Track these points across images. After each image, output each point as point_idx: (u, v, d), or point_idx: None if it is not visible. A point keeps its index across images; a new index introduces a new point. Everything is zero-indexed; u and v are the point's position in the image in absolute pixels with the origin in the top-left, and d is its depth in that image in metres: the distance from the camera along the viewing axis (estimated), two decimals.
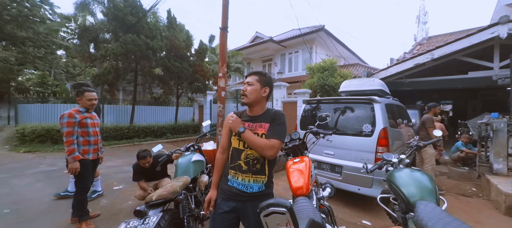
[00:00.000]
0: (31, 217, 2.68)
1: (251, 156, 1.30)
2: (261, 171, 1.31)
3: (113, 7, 6.54)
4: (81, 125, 2.36)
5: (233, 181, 1.32)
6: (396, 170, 1.90)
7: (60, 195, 3.21)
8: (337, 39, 13.75)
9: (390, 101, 3.60)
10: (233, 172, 1.32)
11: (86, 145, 2.41)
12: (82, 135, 2.38)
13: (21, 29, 19.22)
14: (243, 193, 1.29)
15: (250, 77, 1.37)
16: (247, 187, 1.29)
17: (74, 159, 2.26)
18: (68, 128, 2.26)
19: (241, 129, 1.27)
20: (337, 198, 3.33)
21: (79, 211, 2.37)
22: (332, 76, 6.95)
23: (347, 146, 3.08)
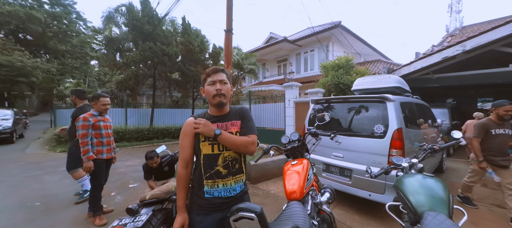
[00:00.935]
0: (56, 210, 2.96)
1: (229, 158, 1.22)
2: (240, 170, 1.27)
3: (132, 18, 7.00)
4: (94, 127, 2.56)
5: (212, 191, 1.19)
6: (406, 176, 1.71)
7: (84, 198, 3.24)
8: (355, 35, 13.11)
9: (408, 100, 3.30)
10: (211, 181, 1.19)
11: (100, 146, 2.60)
12: (96, 136, 2.58)
13: (61, 44, 21.57)
14: (227, 199, 1.21)
15: (221, 74, 1.24)
16: (230, 191, 1.22)
17: (88, 158, 2.46)
18: (83, 130, 2.47)
19: (217, 131, 1.17)
20: (346, 204, 3.13)
21: (93, 206, 2.59)
22: (348, 74, 6.61)
23: (358, 148, 2.87)
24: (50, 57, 22.33)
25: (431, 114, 4.23)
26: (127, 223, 1.35)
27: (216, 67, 1.27)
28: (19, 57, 16.17)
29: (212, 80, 1.22)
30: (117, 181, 4.15)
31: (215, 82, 1.22)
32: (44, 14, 20.21)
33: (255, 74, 11.42)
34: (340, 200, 3.25)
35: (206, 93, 1.24)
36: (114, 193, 3.57)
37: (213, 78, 1.22)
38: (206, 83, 1.24)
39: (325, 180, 3.16)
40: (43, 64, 18.18)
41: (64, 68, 21.21)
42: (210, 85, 1.22)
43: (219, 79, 1.23)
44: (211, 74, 1.23)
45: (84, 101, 3.26)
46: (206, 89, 1.23)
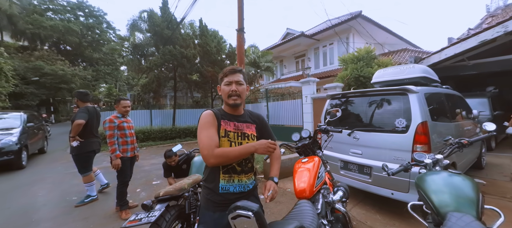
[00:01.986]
0: (90, 204, 3.27)
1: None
2: (251, 168, 1.32)
3: (153, 24, 7.42)
4: (119, 128, 2.80)
5: (228, 186, 1.22)
6: (428, 173, 1.57)
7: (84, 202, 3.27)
8: (378, 25, 12.30)
9: (435, 90, 3.02)
10: (227, 176, 1.22)
11: (125, 145, 2.83)
12: (121, 136, 2.81)
13: (95, 52, 23.66)
14: (241, 194, 1.24)
15: (238, 75, 1.27)
16: (244, 187, 1.26)
17: (116, 157, 2.70)
18: (110, 131, 2.72)
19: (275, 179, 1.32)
20: (368, 202, 2.98)
21: (120, 201, 2.82)
22: (369, 67, 6.23)
23: (378, 144, 2.71)
24: (86, 65, 24.71)
25: (465, 105, 3.81)
26: (142, 217, 1.45)
27: (234, 67, 1.30)
28: (60, 67, 18.12)
29: (229, 81, 1.25)
30: (142, 178, 4.45)
31: (231, 83, 1.25)
32: (80, 26, 22.34)
33: (272, 72, 11.34)
34: (361, 198, 3.11)
35: (222, 92, 1.28)
36: (139, 189, 3.84)
37: (229, 79, 1.25)
38: (223, 82, 1.27)
39: (343, 178, 3.04)
40: (80, 72, 20.17)
41: (98, 75, 23.29)
42: (226, 85, 1.25)
43: (236, 80, 1.26)
44: (228, 74, 1.26)
45: (86, 104, 3.23)
46: (223, 89, 1.27)
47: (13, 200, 3.54)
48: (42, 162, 6.32)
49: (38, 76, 16.81)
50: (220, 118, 1.24)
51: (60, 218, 2.86)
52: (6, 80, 10.99)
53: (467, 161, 3.45)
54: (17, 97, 17.27)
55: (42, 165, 6.02)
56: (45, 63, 17.60)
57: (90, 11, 23.99)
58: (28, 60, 17.66)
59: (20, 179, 4.69)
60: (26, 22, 19.29)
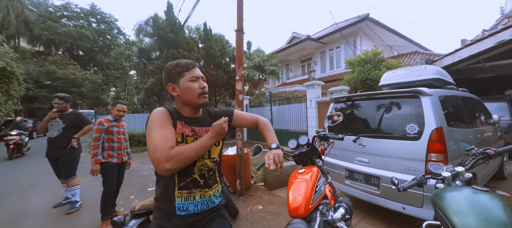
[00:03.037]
0: (90, 207, 3.23)
1: (205, 167, 1.05)
2: (216, 180, 1.11)
3: (157, 27, 7.45)
4: (107, 132, 2.66)
5: (187, 205, 0.98)
6: (448, 189, 1.33)
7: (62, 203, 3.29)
8: (386, 27, 11.96)
9: (450, 93, 2.74)
10: (186, 192, 0.98)
11: (111, 150, 2.68)
12: (107, 141, 2.66)
13: (105, 57, 24.34)
14: (204, 214, 1.03)
15: (199, 70, 1.07)
16: (208, 203, 1.04)
17: (96, 161, 2.54)
18: (96, 133, 2.58)
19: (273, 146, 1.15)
20: (376, 216, 2.70)
21: (102, 210, 2.63)
22: (377, 69, 5.95)
23: (386, 152, 2.45)
24: (97, 69, 25.44)
25: (484, 109, 3.48)
26: None
27: (194, 61, 1.07)
28: (72, 71, 18.67)
29: (195, 76, 1.02)
30: (138, 184, 4.32)
31: (198, 78, 1.03)
32: (92, 31, 23.12)
33: (277, 76, 11.17)
34: (368, 212, 2.84)
35: (184, 91, 1.01)
36: (133, 196, 3.70)
37: (194, 74, 1.02)
38: (185, 78, 1.01)
39: (348, 188, 2.78)
40: (90, 76, 20.74)
41: (108, 79, 23.89)
42: (192, 82, 1.01)
43: (201, 75, 1.06)
44: (190, 68, 1.03)
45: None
46: (187, 86, 1.00)
47: (6, 205, 3.48)
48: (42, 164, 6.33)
49: (50, 80, 17.36)
50: (175, 118, 1.00)
51: (49, 223, 2.75)
52: (18, 84, 11.36)
53: (488, 171, 3.11)
54: (30, 101, 17.88)
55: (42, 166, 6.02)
56: (57, 68, 18.20)
57: (102, 18, 24.81)
58: (42, 65, 18.32)
59: (19, 182, 4.67)
60: (41, 28, 20.11)
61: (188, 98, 1.03)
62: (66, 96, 3.16)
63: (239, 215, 2.86)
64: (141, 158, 6.78)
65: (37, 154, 7.98)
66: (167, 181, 0.98)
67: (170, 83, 1.03)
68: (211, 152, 1.09)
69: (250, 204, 3.22)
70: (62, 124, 3.06)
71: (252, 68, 10.36)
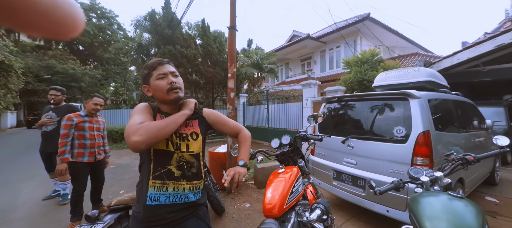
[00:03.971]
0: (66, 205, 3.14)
1: (183, 159, 1.05)
2: (197, 176, 1.09)
3: (154, 23, 7.41)
4: (78, 128, 2.40)
5: (158, 196, 0.98)
6: (424, 194, 1.31)
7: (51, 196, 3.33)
8: (387, 28, 11.87)
9: (441, 96, 2.71)
10: (159, 182, 0.98)
11: (82, 148, 2.42)
12: (78, 138, 2.41)
13: (105, 52, 24.33)
14: (175, 207, 1.01)
15: (169, 66, 1.06)
16: (181, 197, 1.03)
17: (62, 160, 2.30)
18: (64, 130, 2.33)
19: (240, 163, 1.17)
20: (362, 219, 2.69)
21: (71, 211, 2.45)
22: (374, 70, 5.90)
23: (373, 154, 2.43)
24: (97, 64, 25.44)
25: (478, 113, 3.44)
26: None
27: (161, 59, 1.07)
28: (71, 65, 18.68)
29: (162, 73, 1.02)
30: (130, 179, 4.32)
31: (166, 75, 1.03)
32: (92, 26, 23.06)
33: (275, 74, 11.11)
34: (354, 213, 2.82)
35: (155, 90, 1.02)
36: (123, 191, 3.70)
37: (162, 71, 1.02)
38: (153, 78, 1.02)
39: (335, 189, 2.77)
40: (90, 71, 20.74)
41: (108, 74, 23.88)
42: (160, 80, 1.02)
43: (170, 71, 1.05)
44: (156, 66, 1.03)
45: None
46: (155, 85, 1.01)
47: None
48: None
49: (50, 75, 17.37)
50: (156, 112, 1.05)
51: (34, 218, 2.75)
52: (17, 77, 11.38)
53: (478, 176, 3.08)
54: (30, 94, 17.92)
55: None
56: (57, 62, 18.19)
57: (102, 13, 24.74)
58: (42, 59, 18.31)
59: (13, 174, 4.68)
60: None
61: (160, 96, 1.03)
62: (62, 88, 3.15)
63: (225, 212, 2.85)
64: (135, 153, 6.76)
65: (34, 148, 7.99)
66: (144, 170, 1.02)
67: (144, 85, 1.06)
68: (189, 145, 1.08)
69: (238, 202, 3.22)
70: (56, 117, 3.00)
71: (250, 66, 10.31)
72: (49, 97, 3.05)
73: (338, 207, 3.05)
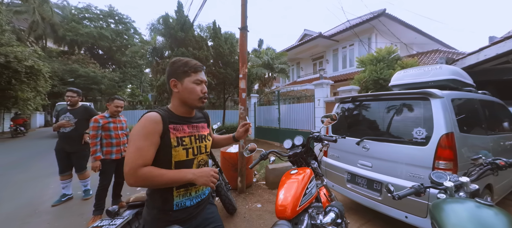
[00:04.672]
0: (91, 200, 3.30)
1: (202, 161, 1.14)
2: None
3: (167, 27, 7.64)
4: (104, 128, 2.67)
5: (184, 201, 1.04)
6: (449, 201, 1.23)
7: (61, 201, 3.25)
8: (405, 24, 11.34)
9: (466, 95, 2.53)
10: (183, 190, 1.03)
11: (109, 146, 2.70)
12: (105, 138, 2.69)
13: (123, 56, 25.42)
14: (197, 206, 1.10)
15: (204, 74, 1.13)
16: (201, 195, 1.13)
17: (95, 158, 2.58)
18: (92, 131, 2.61)
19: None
20: (377, 223, 2.58)
21: (95, 205, 2.65)
22: (391, 68, 5.66)
23: (391, 157, 2.32)
24: (115, 67, 26.65)
25: (508, 114, 3.18)
26: (103, 225, 1.33)
27: (202, 65, 1.11)
28: (92, 69, 19.73)
29: (199, 80, 1.06)
30: None
31: (201, 82, 1.08)
32: (111, 32, 24.22)
33: (286, 74, 11.01)
34: (369, 218, 2.72)
35: (187, 90, 1.03)
36: (139, 188, 3.83)
37: (200, 77, 1.07)
38: (190, 78, 1.04)
39: (350, 192, 2.68)
40: (109, 74, 21.79)
41: (125, 76, 24.94)
42: (196, 84, 1.05)
43: (205, 80, 1.12)
44: (198, 70, 1.07)
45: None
46: (190, 87, 1.03)
47: (27, 190, 3.75)
48: None
49: (73, 78, 18.46)
50: (167, 124, 1.00)
51: (59, 212, 2.92)
52: (45, 81, 12.19)
53: (510, 183, 2.84)
54: (56, 97, 19.14)
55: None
56: (79, 66, 19.30)
57: (119, 19, 25.90)
58: (66, 64, 19.52)
59: (42, 170, 5.01)
60: (65, 29, 21.41)
61: (188, 97, 1.05)
62: (78, 90, 3.27)
63: (236, 212, 2.86)
64: None
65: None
66: None
67: (173, 79, 1.05)
68: (206, 146, 1.18)
69: (250, 202, 3.21)
70: (73, 118, 3.12)
71: (261, 66, 10.29)
72: (66, 99, 3.16)
73: (352, 210, 2.95)
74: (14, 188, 3.93)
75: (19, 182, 4.23)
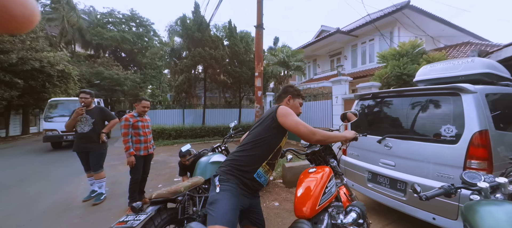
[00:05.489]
0: (117, 195, 3.54)
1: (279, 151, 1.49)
2: None
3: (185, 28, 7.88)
4: (134, 127, 2.89)
5: (261, 175, 1.37)
6: (484, 202, 1.15)
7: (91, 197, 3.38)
8: (431, 15, 10.58)
9: (503, 90, 2.32)
10: (268, 167, 1.40)
11: (138, 144, 2.92)
12: (135, 135, 2.90)
13: (143, 57, 26.63)
14: (262, 186, 1.44)
15: None
16: (266, 181, 1.45)
17: (130, 154, 2.81)
18: (124, 129, 2.83)
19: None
20: (402, 224, 2.47)
21: (129, 197, 2.91)
22: (415, 63, 5.33)
23: (416, 155, 2.20)
24: (136, 69, 28.04)
25: None
26: (128, 220, 1.41)
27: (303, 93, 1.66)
28: (115, 71, 20.93)
29: (300, 103, 1.62)
30: (167, 174, 4.67)
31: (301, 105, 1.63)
32: (132, 35, 25.49)
33: (302, 72, 10.84)
34: (392, 219, 2.61)
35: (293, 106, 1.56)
36: (161, 185, 4.02)
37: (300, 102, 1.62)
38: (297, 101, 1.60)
39: (371, 192, 2.59)
40: (131, 75, 22.98)
41: (146, 77, 26.14)
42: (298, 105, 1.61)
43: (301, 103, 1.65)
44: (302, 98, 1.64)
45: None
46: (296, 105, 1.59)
47: (63, 186, 4.11)
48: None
49: (99, 80, 19.75)
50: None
51: (89, 208, 3.16)
52: (74, 83, 13.19)
53: None
54: None
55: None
56: (104, 69, 20.57)
57: (140, 22, 27.13)
58: (93, 66, 20.92)
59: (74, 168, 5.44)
60: (92, 34, 22.92)
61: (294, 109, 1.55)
62: (91, 91, 3.32)
63: None
64: (171, 150, 7.31)
65: None
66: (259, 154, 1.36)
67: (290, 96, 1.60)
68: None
69: (267, 200, 3.23)
70: (91, 119, 3.18)
71: (276, 64, 10.23)
72: (80, 100, 3.16)
73: (374, 210, 2.85)
74: (53, 184, 4.30)
75: (58, 179, 4.62)
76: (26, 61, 9.90)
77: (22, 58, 9.82)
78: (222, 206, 1.19)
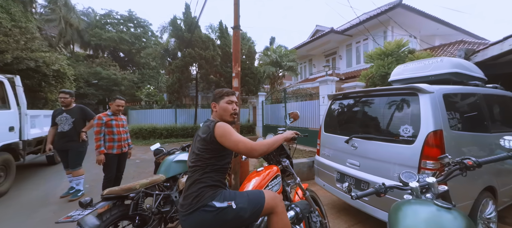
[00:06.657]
0: (95, 192, 3.51)
1: None
2: None
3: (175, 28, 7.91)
4: (107, 125, 2.90)
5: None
6: (411, 202, 1.17)
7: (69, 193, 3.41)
8: (424, 14, 10.56)
9: (464, 90, 2.32)
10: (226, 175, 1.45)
11: (111, 142, 2.92)
12: (108, 134, 2.91)
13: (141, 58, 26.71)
14: None
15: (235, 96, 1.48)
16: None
17: (100, 152, 2.80)
18: (97, 128, 2.86)
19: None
20: (367, 224, 2.48)
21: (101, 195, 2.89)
22: (401, 62, 5.32)
23: (378, 156, 2.21)
24: (134, 69, 28.14)
25: None
26: (73, 215, 1.44)
27: (233, 90, 1.49)
28: (113, 71, 21.02)
29: (230, 100, 1.43)
30: (150, 172, 4.67)
31: (232, 102, 1.44)
32: (130, 35, 25.58)
33: (295, 72, 10.83)
34: (359, 219, 2.62)
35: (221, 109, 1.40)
36: None
37: (230, 99, 1.44)
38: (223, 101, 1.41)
39: (339, 192, 2.60)
40: (128, 75, 23.06)
41: (143, 77, 26.23)
42: (227, 104, 1.42)
43: (235, 100, 1.46)
44: (230, 94, 1.45)
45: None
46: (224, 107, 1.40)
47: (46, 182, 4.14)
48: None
49: (97, 80, 19.85)
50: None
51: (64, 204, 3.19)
52: (70, 83, 13.27)
53: None
54: (82, 97, 20.73)
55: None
56: (102, 69, 20.67)
57: (138, 22, 27.23)
58: (91, 66, 21.02)
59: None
60: (90, 35, 23.04)
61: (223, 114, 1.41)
62: (70, 91, 3.43)
63: None
64: None
65: None
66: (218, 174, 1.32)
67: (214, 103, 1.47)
68: None
69: None
70: (71, 118, 3.27)
71: (268, 64, 10.23)
72: (60, 100, 3.26)
73: (344, 210, 2.86)
74: (36, 179, 4.35)
75: (42, 175, 4.67)
76: (21, 61, 9.94)
77: (17, 57, 9.86)
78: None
